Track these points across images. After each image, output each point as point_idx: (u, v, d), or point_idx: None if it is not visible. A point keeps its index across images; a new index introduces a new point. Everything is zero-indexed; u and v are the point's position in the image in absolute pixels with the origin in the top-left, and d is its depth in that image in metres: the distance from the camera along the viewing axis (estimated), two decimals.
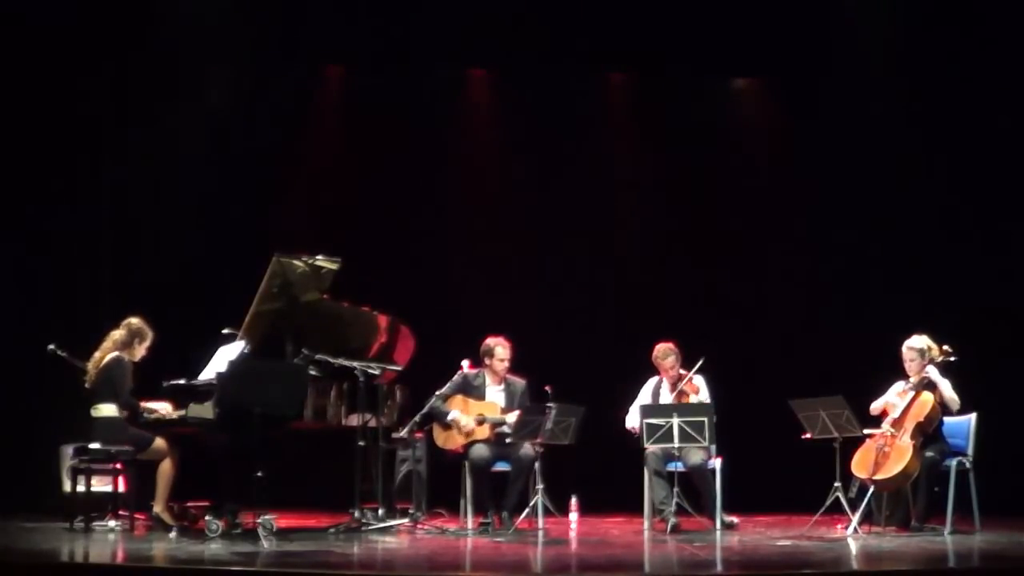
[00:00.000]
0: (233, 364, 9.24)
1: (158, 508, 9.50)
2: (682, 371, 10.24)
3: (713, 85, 12.77)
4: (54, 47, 11.43)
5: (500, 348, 10.15)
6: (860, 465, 9.65)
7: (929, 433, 9.64)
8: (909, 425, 9.59)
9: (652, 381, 10.45)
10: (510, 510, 9.88)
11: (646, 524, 10.02)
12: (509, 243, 12.53)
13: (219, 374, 9.24)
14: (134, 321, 9.73)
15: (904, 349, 9.86)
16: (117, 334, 9.68)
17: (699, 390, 10.24)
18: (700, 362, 10.18)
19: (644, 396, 10.38)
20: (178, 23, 11.74)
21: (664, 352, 10.31)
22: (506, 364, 10.16)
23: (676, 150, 12.60)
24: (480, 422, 9.99)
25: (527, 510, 9.87)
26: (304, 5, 12.06)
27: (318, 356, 9.67)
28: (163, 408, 9.44)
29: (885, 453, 9.54)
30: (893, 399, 9.82)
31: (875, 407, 9.89)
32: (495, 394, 10.19)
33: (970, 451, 9.79)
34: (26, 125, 11.40)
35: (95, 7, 11.55)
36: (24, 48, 11.40)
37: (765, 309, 12.54)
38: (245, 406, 9.01)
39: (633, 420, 10.08)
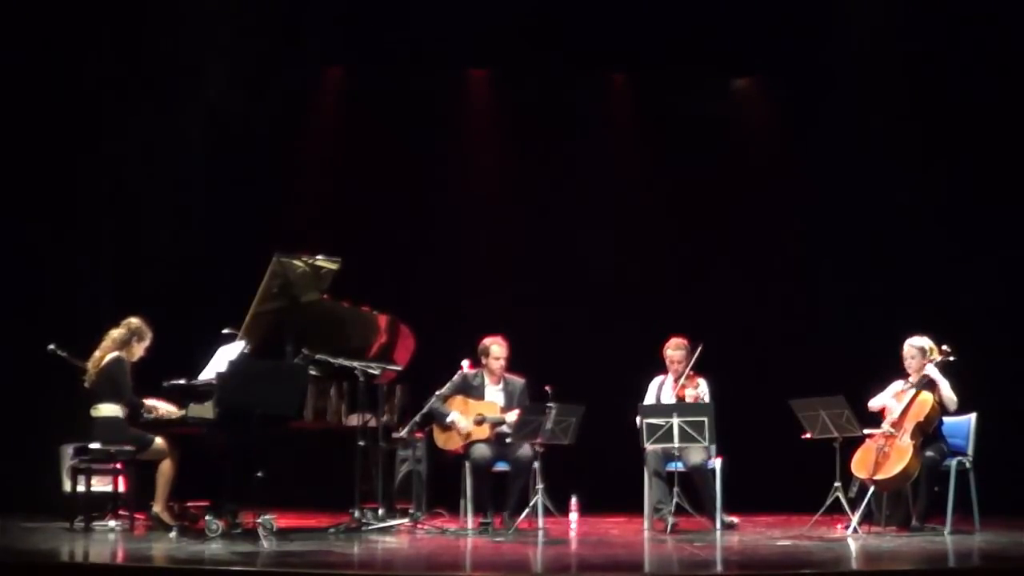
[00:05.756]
0: (233, 364, 9.24)
1: (158, 508, 9.50)
2: (689, 371, 10.26)
3: (713, 85, 12.77)
4: (53, 46, 11.43)
5: (496, 347, 10.16)
6: (860, 465, 9.65)
7: (929, 433, 9.65)
8: (909, 425, 9.60)
9: (657, 379, 10.47)
10: (511, 510, 9.89)
11: (646, 524, 10.03)
12: (509, 243, 12.52)
13: (219, 374, 9.24)
14: (133, 321, 9.73)
15: (905, 347, 9.87)
16: (116, 333, 9.68)
17: (699, 385, 10.26)
18: (699, 351, 10.19)
19: (650, 395, 10.40)
20: (178, 25, 11.74)
21: (676, 345, 10.33)
22: (502, 363, 10.17)
23: (676, 150, 12.59)
24: (480, 422, 9.99)
25: (527, 510, 9.87)
26: (304, 5, 12.06)
27: (318, 356, 9.67)
28: (167, 408, 9.44)
29: (885, 453, 9.55)
30: (892, 398, 9.84)
31: (873, 404, 9.90)
32: (494, 393, 10.19)
33: (970, 451, 9.80)
34: (26, 125, 11.40)
35: (95, 6, 11.55)
36: (22, 48, 11.41)
37: (765, 309, 12.53)
38: (245, 406, 9.01)
39: None
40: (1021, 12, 11.66)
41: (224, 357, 9.48)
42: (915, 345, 9.86)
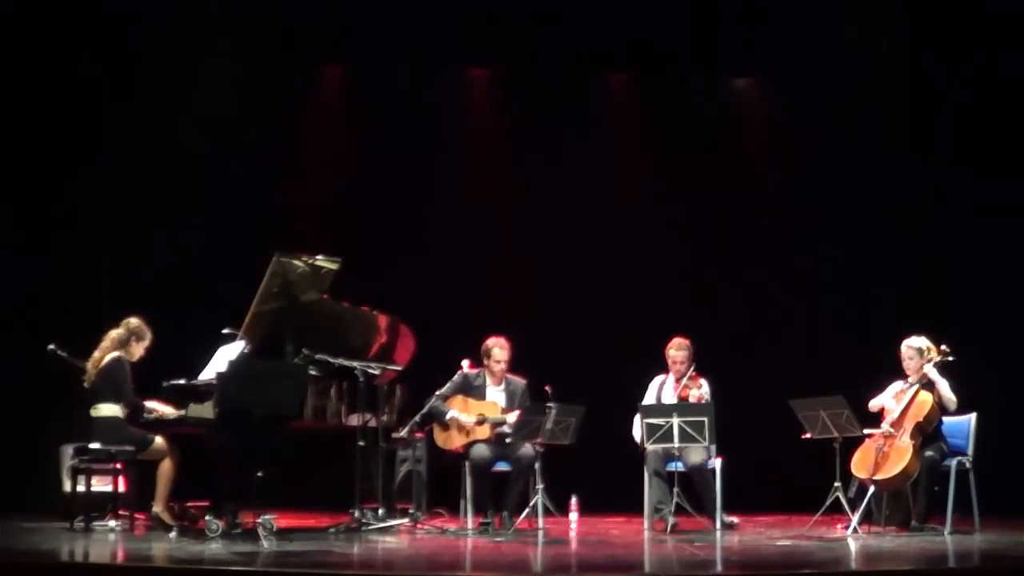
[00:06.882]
0: (233, 364, 9.24)
1: (158, 508, 9.50)
2: (691, 372, 10.26)
3: (713, 85, 12.77)
4: (52, 46, 11.44)
5: (498, 349, 10.15)
6: (860, 465, 9.66)
7: (928, 433, 9.65)
8: (908, 425, 9.60)
9: (658, 379, 10.47)
10: (510, 510, 9.89)
11: (646, 524, 10.03)
12: (509, 242, 12.52)
13: (219, 374, 9.24)
14: (133, 321, 9.73)
15: (903, 348, 9.88)
16: (116, 333, 9.68)
17: (702, 386, 10.26)
18: (692, 365, 10.22)
19: (650, 394, 10.40)
20: (178, 24, 11.74)
21: (678, 345, 10.34)
22: (503, 365, 10.16)
23: (676, 150, 12.59)
24: (480, 422, 9.99)
25: (527, 510, 9.87)
26: (304, 5, 12.06)
27: (318, 356, 9.68)
28: (165, 410, 9.43)
29: (885, 453, 9.55)
30: (891, 399, 9.84)
31: (873, 404, 9.90)
32: (495, 394, 10.19)
33: (970, 451, 9.80)
34: (25, 125, 11.40)
35: (96, 6, 11.56)
36: (23, 48, 11.41)
37: (765, 309, 12.53)
38: (245, 406, 9.01)
39: (639, 433, 10.05)
40: (1020, 10, 11.66)
41: (224, 357, 9.49)
42: (912, 346, 9.86)
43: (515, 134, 12.65)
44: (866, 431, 9.75)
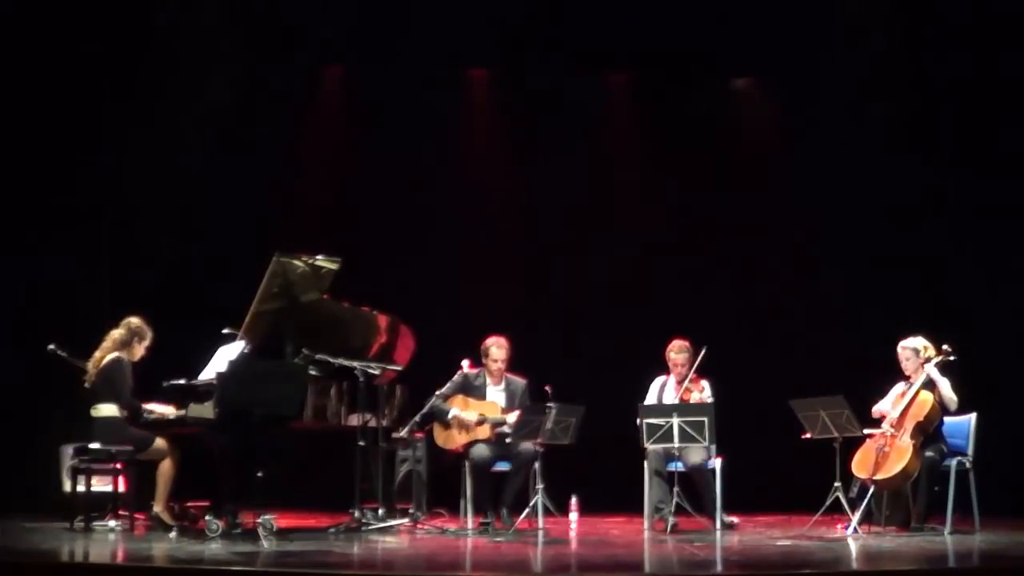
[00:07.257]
0: (233, 364, 9.25)
1: (158, 508, 9.50)
2: (692, 374, 10.26)
3: (713, 85, 12.77)
4: (53, 47, 11.44)
5: (495, 348, 10.16)
6: (860, 465, 9.66)
7: (929, 433, 9.65)
8: (909, 425, 9.60)
9: (659, 380, 10.46)
10: (509, 505, 9.89)
11: (646, 524, 10.02)
12: (509, 243, 12.53)
13: (219, 374, 9.24)
14: (134, 321, 9.73)
15: (899, 349, 9.88)
16: (117, 333, 9.68)
17: (704, 389, 10.25)
18: (702, 353, 10.19)
19: (651, 395, 10.40)
20: (178, 24, 11.75)
21: (679, 348, 10.34)
22: (500, 365, 10.16)
23: (676, 150, 12.60)
24: (480, 422, 9.99)
25: (527, 510, 9.87)
26: (304, 5, 12.06)
27: (318, 356, 9.68)
28: (165, 410, 9.43)
29: (885, 453, 9.55)
30: (891, 404, 9.83)
31: (877, 410, 9.89)
32: (495, 394, 10.19)
33: (970, 451, 9.80)
34: (26, 126, 11.40)
35: (96, 6, 11.56)
36: (23, 49, 11.41)
37: (765, 309, 12.53)
38: (245, 406, 9.01)
39: None
40: (1020, 10, 11.66)
41: (224, 357, 9.49)
42: (908, 347, 9.86)
43: (515, 134, 12.66)
44: (866, 431, 9.75)
